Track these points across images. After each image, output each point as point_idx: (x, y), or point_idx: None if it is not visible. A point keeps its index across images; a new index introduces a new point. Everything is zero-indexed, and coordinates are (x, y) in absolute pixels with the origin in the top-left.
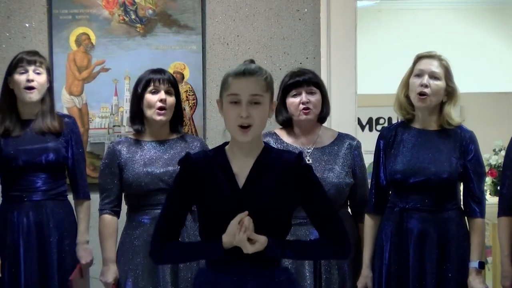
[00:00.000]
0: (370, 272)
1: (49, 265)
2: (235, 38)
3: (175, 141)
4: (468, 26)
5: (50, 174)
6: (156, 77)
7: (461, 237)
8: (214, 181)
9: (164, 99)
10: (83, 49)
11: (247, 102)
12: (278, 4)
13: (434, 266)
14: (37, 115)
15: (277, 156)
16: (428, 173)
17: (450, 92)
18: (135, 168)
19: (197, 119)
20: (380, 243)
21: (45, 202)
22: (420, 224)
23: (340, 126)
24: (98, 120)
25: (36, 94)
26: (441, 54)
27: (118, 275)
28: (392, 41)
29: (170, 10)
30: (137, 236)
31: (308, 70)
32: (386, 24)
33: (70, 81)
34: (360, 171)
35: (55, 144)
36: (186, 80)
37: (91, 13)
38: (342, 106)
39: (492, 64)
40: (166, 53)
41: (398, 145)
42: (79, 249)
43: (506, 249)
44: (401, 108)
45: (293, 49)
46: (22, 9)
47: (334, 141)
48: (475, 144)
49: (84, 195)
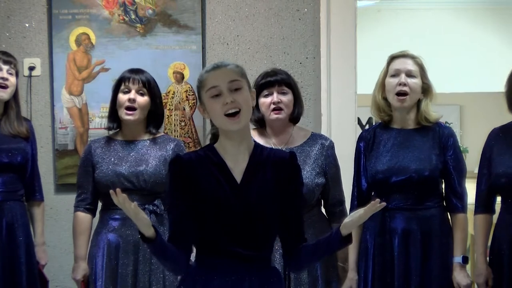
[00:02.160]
0: (356, 275)
1: (18, 265)
2: (235, 38)
3: (144, 142)
4: (468, 26)
5: (14, 175)
6: (128, 77)
7: (444, 233)
8: (210, 178)
9: (133, 99)
10: (83, 49)
11: (227, 89)
12: (278, 4)
13: (418, 263)
14: (3, 116)
15: (270, 153)
16: (409, 171)
17: (426, 89)
18: (104, 167)
19: (197, 119)
20: (364, 245)
21: (7, 203)
22: (404, 223)
23: (340, 126)
24: (98, 120)
25: (5, 93)
26: (413, 53)
27: (88, 272)
28: (392, 41)
29: (170, 10)
30: (103, 236)
31: (281, 71)
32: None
33: (70, 81)
34: (333, 171)
35: (23, 145)
36: (186, 80)
37: (91, 13)
38: (342, 106)
39: (492, 64)
40: (166, 53)
41: (378, 146)
42: (38, 251)
43: (480, 247)
44: (379, 111)
45: (293, 49)
46: (22, 9)
47: (306, 141)
48: (454, 140)
49: (41, 197)
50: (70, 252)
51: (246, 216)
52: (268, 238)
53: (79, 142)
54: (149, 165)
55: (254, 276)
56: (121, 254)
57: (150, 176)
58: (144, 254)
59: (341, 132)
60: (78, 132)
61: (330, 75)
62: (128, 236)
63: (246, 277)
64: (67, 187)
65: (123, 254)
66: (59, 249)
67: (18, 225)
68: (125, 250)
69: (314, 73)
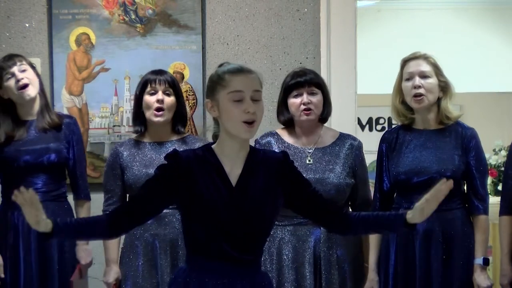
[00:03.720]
0: (376, 276)
1: (50, 266)
2: (235, 38)
3: (174, 143)
4: (468, 26)
5: (50, 175)
6: (154, 78)
7: (466, 235)
8: (206, 179)
9: (162, 99)
10: (83, 49)
11: (250, 98)
12: (278, 4)
13: (439, 264)
14: (37, 113)
15: (264, 156)
16: (431, 172)
17: (444, 87)
18: (134, 170)
19: (197, 119)
20: (385, 245)
21: (45, 203)
22: (425, 223)
23: (340, 126)
24: (98, 120)
25: (32, 89)
26: (425, 53)
27: (120, 276)
28: (392, 41)
29: (170, 10)
30: (138, 236)
31: (310, 70)
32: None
33: (70, 81)
34: (361, 172)
35: (57, 144)
36: (186, 80)
37: (91, 13)
38: (342, 106)
39: (492, 64)
40: (166, 53)
41: (401, 147)
42: (79, 250)
43: (506, 248)
44: (399, 115)
45: (293, 49)
46: (22, 9)
47: (335, 142)
48: (476, 141)
49: (85, 196)
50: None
51: (239, 220)
52: (260, 242)
53: None
54: None
55: (246, 279)
56: (160, 253)
57: None
58: (183, 251)
59: None
60: None
61: (330, 75)
62: (165, 235)
63: (237, 280)
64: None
65: (162, 253)
66: None
67: None
68: (163, 249)
69: None
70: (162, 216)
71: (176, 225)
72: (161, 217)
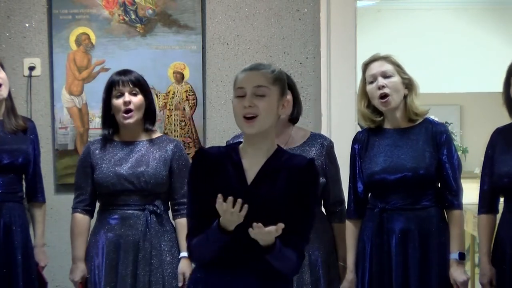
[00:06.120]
0: (354, 276)
1: (15, 267)
2: (235, 38)
3: (143, 143)
4: (468, 26)
5: (16, 176)
6: (118, 79)
7: (442, 232)
8: (224, 174)
9: (129, 101)
10: (83, 49)
11: (251, 93)
12: (278, 4)
13: (416, 263)
14: (3, 115)
15: (288, 159)
16: (404, 170)
17: (408, 84)
18: (103, 168)
19: (197, 119)
20: (362, 245)
21: (7, 204)
22: (402, 223)
23: (340, 126)
24: (98, 120)
25: (4, 89)
26: (385, 54)
27: (87, 274)
28: (392, 41)
29: (170, 10)
30: (102, 235)
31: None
32: (386, 24)
33: (70, 81)
34: (332, 171)
35: (26, 146)
36: (186, 80)
37: (91, 13)
38: (342, 106)
39: (492, 64)
40: (166, 53)
41: (372, 147)
42: (38, 252)
43: (484, 247)
44: (365, 120)
45: (293, 49)
46: (22, 9)
47: (306, 141)
48: (447, 136)
49: (43, 199)
50: (70, 253)
51: (250, 218)
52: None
53: (79, 142)
54: (149, 166)
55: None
56: (121, 253)
57: (151, 177)
58: (144, 254)
59: (341, 132)
60: (78, 132)
61: (330, 75)
62: (128, 236)
63: (243, 277)
64: (67, 187)
65: (123, 253)
66: (59, 249)
67: (16, 227)
68: (125, 249)
69: (314, 73)
70: (127, 217)
71: (139, 227)
72: (126, 218)
